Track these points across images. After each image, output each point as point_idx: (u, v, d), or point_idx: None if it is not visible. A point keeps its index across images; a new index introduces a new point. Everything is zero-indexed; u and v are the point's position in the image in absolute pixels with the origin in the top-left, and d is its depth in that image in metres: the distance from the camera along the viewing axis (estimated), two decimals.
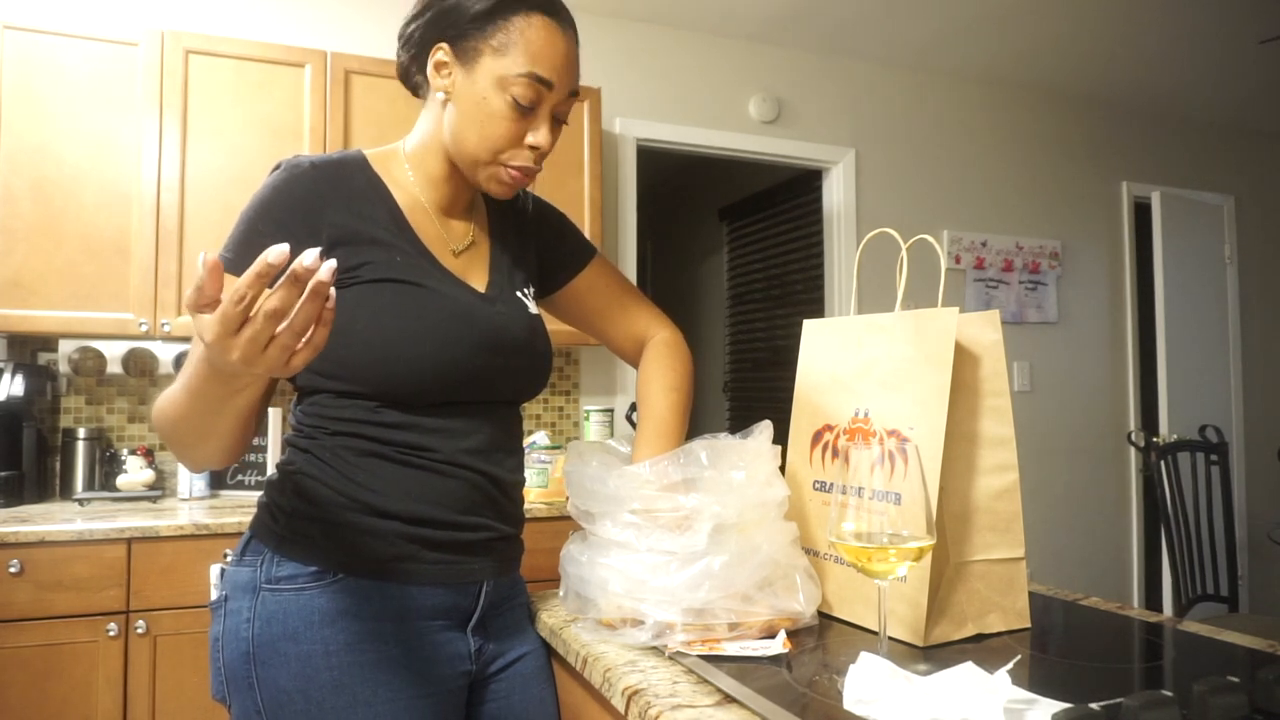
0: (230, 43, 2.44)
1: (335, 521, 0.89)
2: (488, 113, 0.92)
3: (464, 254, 1.01)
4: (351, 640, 0.87)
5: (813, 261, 3.88)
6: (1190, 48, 3.55)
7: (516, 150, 0.94)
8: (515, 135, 0.93)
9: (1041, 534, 3.79)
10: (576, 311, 1.18)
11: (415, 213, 0.98)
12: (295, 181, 0.91)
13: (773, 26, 3.34)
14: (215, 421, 0.81)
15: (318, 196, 0.91)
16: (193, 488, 2.44)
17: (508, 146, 0.93)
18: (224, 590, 0.91)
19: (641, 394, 1.12)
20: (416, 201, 0.99)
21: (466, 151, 0.95)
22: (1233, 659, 0.85)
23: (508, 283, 1.04)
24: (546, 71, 0.92)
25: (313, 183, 0.91)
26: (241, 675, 0.87)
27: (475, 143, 0.93)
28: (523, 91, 0.91)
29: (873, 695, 0.69)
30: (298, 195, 0.90)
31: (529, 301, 1.05)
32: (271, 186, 0.91)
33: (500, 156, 0.94)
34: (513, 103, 0.92)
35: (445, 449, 0.93)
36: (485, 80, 0.92)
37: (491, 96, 0.92)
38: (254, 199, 0.91)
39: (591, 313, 1.18)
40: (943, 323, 0.92)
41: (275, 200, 0.90)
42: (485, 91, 0.92)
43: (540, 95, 0.93)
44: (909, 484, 0.77)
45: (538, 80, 0.92)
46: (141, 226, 2.32)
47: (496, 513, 0.98)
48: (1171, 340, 3.87)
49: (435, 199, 1.00)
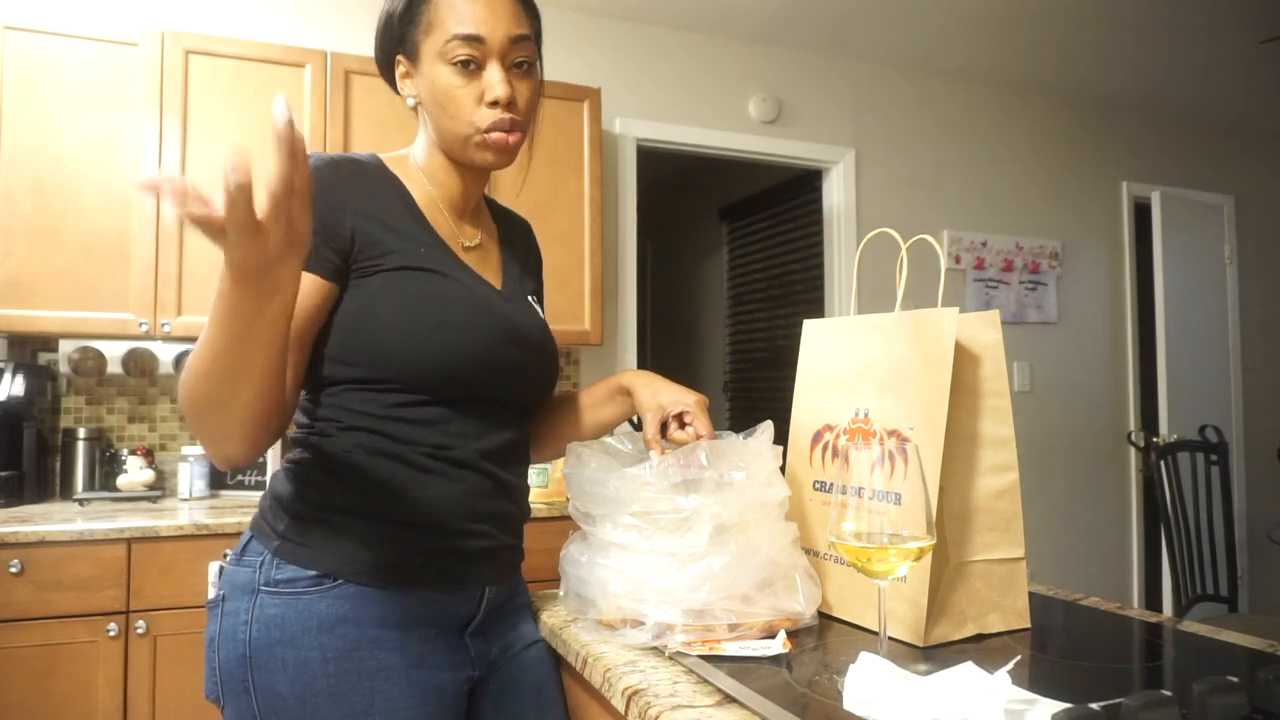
0: (230, 43, 2.44)
1: (338, 526, 0.89)
2: (441, 90, 0.95)
3: (475, 251, 1.03)
4: (350, 647, 0.86)
5: (813, 261, 3.88)
6: (1190, 48, 3.55)
7: (479, 111, 0.95)
8: (472, 97, 0.95)
9: (1041, 534, 3.79)
10: None
11: (431, 209, 0.99)
12: (317, 173, 0.90)
13: (773, 26, 3.34)
14: (251, 351, 0.75)
15: (340, 188, 0.91)
16: (193, 488, 2.44)
17: (472, 112, 0.95)
18: (222, 589, 0.91)
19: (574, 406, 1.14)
20: (431, 199, 1.00)
21: (448, 136, 0.97)
22: (1233, 659, 0.85)
23: (519, 286, 1.07)
24: (470, 27, 0.93)
25: (335, 175, 0.92)
26: (237, 679, 0.87)
27: (447, 123, 0.96)
28: (456, 52, 0.93)
29: (873, 695, 0.69)
30: (321, 186, 0.89)
31: (539, 308, 1.09)
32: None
33: (474, 123, 0.95)
34: (456, 68, 0.94)
35: (463, 449, 0.93)
36: (429, 64, 0.95)
37: (437, 74, 0.95)
38: None
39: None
40: (943, 323, 0.92)
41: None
42: (432, 74, 0.95)
43: (475, 52, 0.94)
44: (909, 484, 0.77)
45: (464, 39, 0.93)
46: (141, 226, 2.32)
47: (501, 522, 0.98)
48: (1171, 340, 3.87)
49: (447, 198, 1.02)
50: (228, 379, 0.77)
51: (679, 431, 1.03)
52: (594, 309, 2.83)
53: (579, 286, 2.81)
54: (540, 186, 2.75)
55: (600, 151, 2.88)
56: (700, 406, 1.03)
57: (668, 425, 1.04)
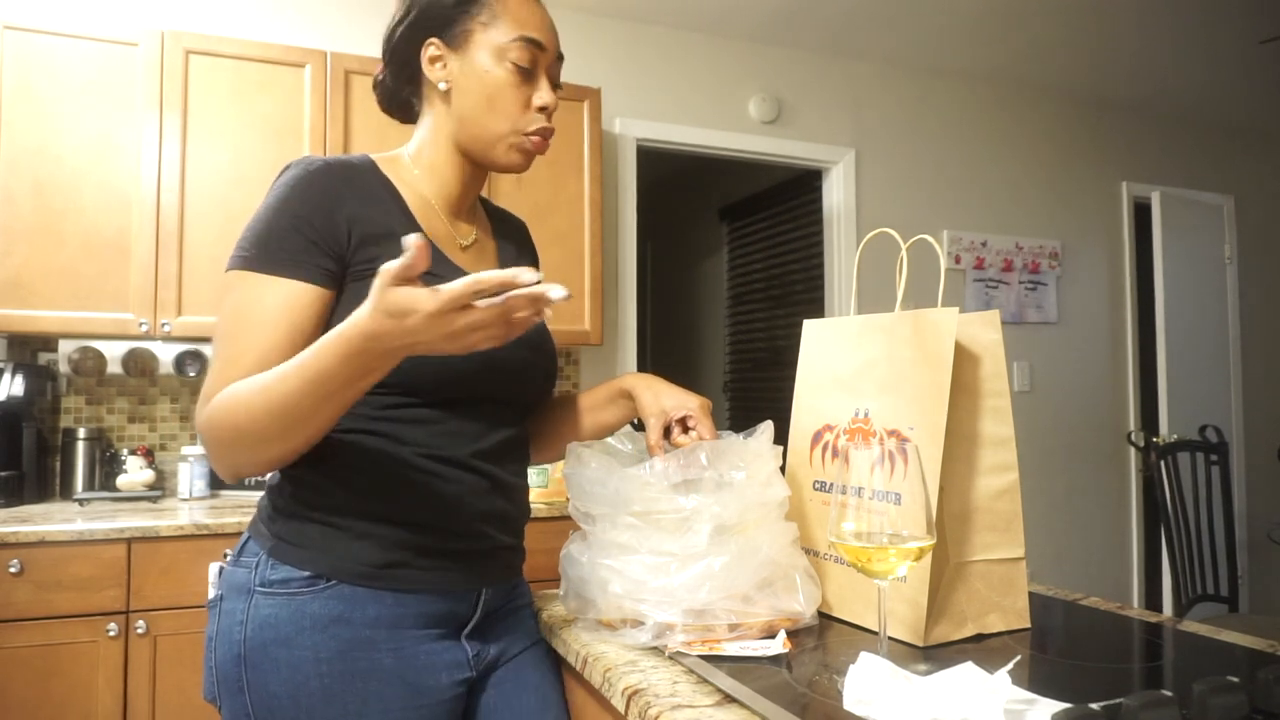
0: (230, 43, 2.44)
1: (332, 527, 0.89)
2: (493, 84, 0.95)
3: (470, 250, 1.03)
4: (343, 648, 0.86)
5: (813, 261, 3.88)
6: (1190, 48, 3.55)
7: (527, 115, 0.97)
8: (523, 100, 0.96)
9: (1041, 534, 3.79)
10: None
11: (424, 211, 0.99)
12: (312, 178, 0.90)
13: (773, 26, 3.34)
14: (327, 411, 0.78)
15: (334, 193, 0.91)
16: (193, 488, 2.43)
17: (519, 113, 0.96)
18: (220, 590, 0.91)
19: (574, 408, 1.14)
20: (425, 200, 1.00)
21: (486, 130, 0.97)
22: (1233, 659, 0.85)
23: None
24: (536, 32, 0.96)
25: (328, 180, 0.91)
26: (232, 678, 0.87)
27: (489, 118, 0.96)
28: (519, 55, 0.95)
29: (873, 695, 0.69)
30: (315, 192, 0.90)
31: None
32: (288, 184, 0.90)
33: (517, 125, 0.96)
34: (513, 69, 0.95)
35: (459, 450, 0.93)
36: (482, 56, 0.95)
37: (493, 68, 0.95)
38: (271, 198, 0.90)
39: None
40: (943, 323, 0.92)
41: (293, 197, 0.89)
42: (485, 65, 0.95)
43: (535, 57, 0.96)
44: (909, 484, 0.77)
45: (530, 42, 0.95)
46: (141, 226, 2.32)
47: (499, 522, 0.97)
48: (1171, 340, 3.87)
49: (443, 197, 1.01)
50: (286, 430, 0.80)
51: (682, 436, 1.02)
52: (594, 309, 2.83)
53: (579, 286, 2.81)
54: (540, 186, 2.75)
55: (600, 151, 2.88)
56: (703, 410, 1.03)
57: (671, 430, 1.03)
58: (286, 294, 0.86)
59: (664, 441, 1.02)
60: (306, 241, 0.87)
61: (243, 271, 0.87)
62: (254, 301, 0.85)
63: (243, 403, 0.80)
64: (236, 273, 0.87)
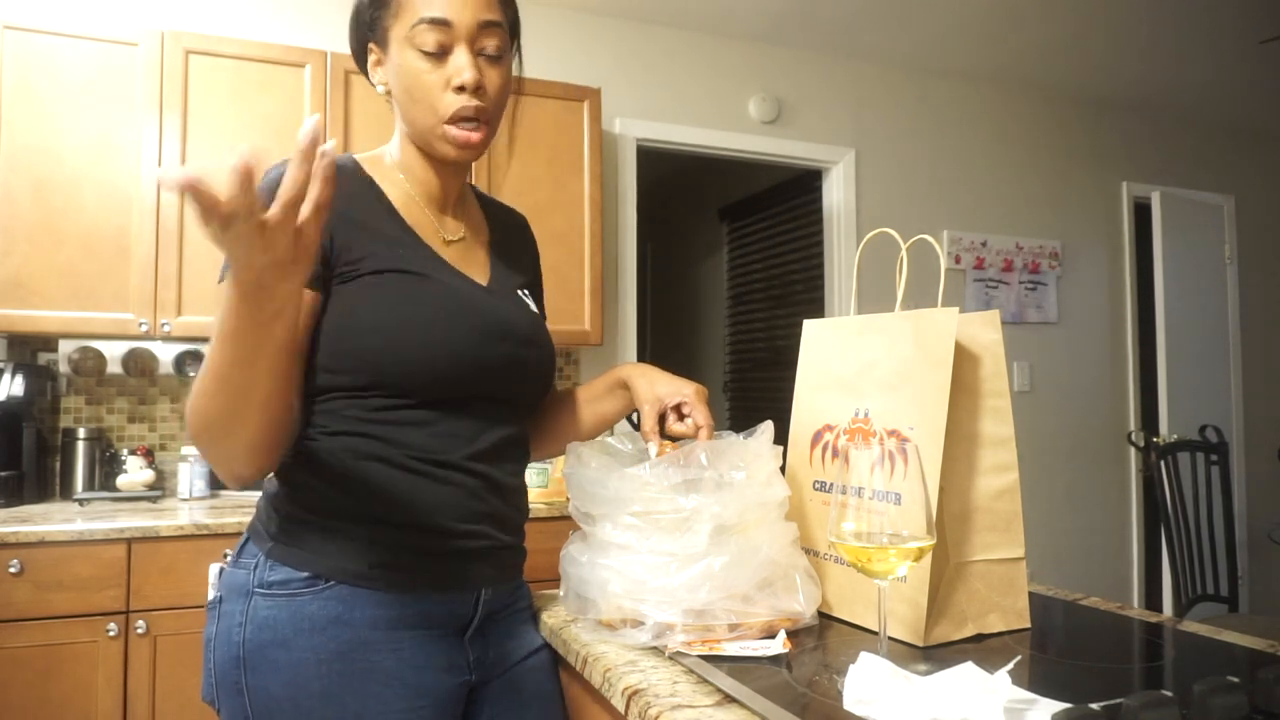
0: (230, 43, 2.44)
1: (329, 528, 0.88)
2: (408, 75, 0.93)
3: (458, 245, 1.02)
4: (343, 649, 0.86)
5: (813, 261, 3.88)
6: (1190, 48, 3.55)
7: (446, 98, 0.93)
8: (438, 83, 0.93)
9: (1041, 534, 3.79)
10: None
11: (409, 207, 0.98)
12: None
13: (773, 26, 3.34)
14: (257, 376, 0.76)
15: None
16: (193, 488, 2.43)
17: (438, 98, 0.93)
18: (219, 591, 0.91)
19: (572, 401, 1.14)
20: (409, 197, 0.99)
21: (415, 125, 0.95)
22: (1233, 659, 0.85)
23: (507, 281, 1.05)
24: (437, 10, 0.91)
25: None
26: (231, 680, 0.86)
27: (415, 111, 0.94)
28: (423, 39, 0.91)
29: (873, 695, 0.69)
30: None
31: (530, 301, 1.07)
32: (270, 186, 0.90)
33: (439, 111, 0.93)
34: (420, 55, 0.92)
35: (452, 452, 0.92)
36: (397, 50, 0.94)
37: (405, 60, 0.93)
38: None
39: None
40: (943, 323, 0.92)
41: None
42: (400, 59, 0.93)
43: (444, 36, 0.91)
44: (909, 484, 0.77)
45: (432, 23, 0.91)
46: (141, 226, 2.32)
47: (497, 522, 0.96)
48: (1171, 340, 3.87)
49: (425, 193, 1.00)
50: (234, 403, 0.78)
51: (678, 424, 1.02)
52: (594, 309, 2.83)
53: (579, 286, 2.81)
54: (540, 186, 2.75)
55: (600, 151, 2.88)
56: (699, 397, 1.02)
57: (666, 417, 1.03)
58: None
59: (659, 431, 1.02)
60: None
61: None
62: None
63: (198, 392, 0.79)
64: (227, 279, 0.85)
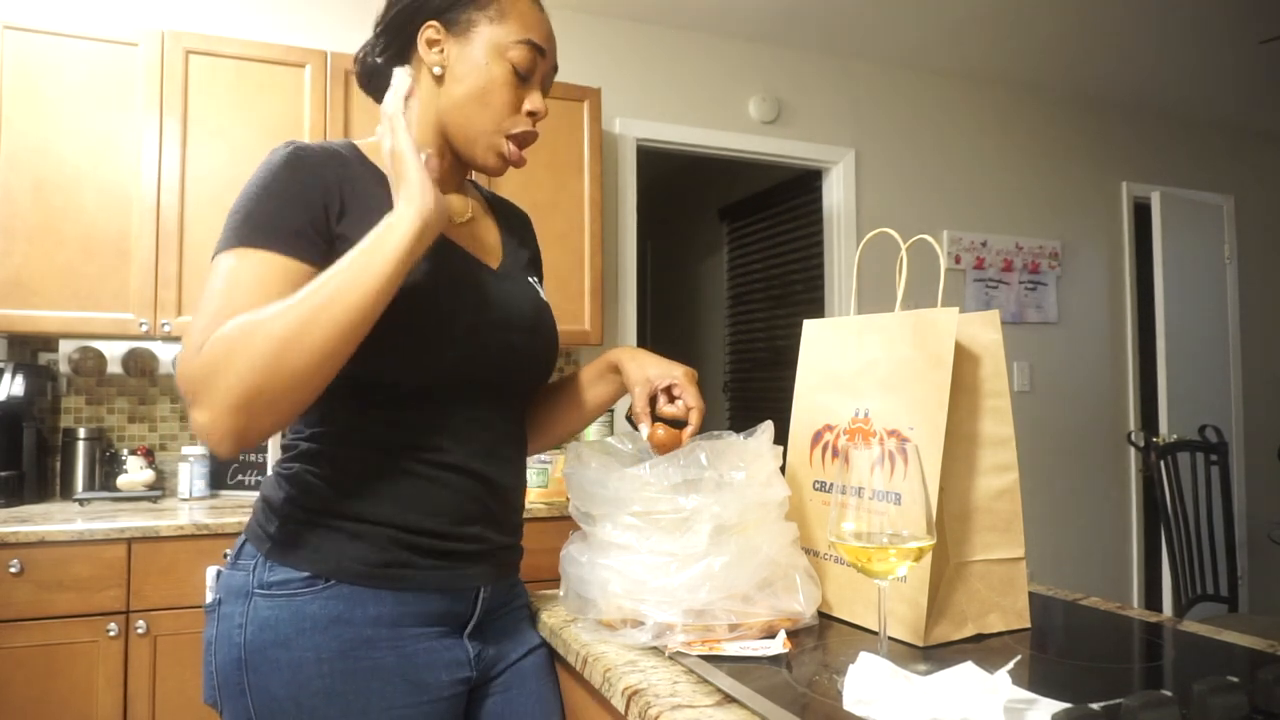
0: (230, 43, 2.44)
1: (328, 528, 0.89)
2: (489, 79, 0.94)
3: (467, 226, 1.02)
4: (344, 647, 0.86)
5: (813, 261, 3.88)
6: (1190, 48, 3.55)
7: (516, 118, 0.96)
8: (514, 102, 0.95)
9: (1041, 534, 3.79)
10: None
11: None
12: (299, 159, 0.89)
13: (773, 26, 3.34)
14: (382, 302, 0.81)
15: (322, 176, 0.89)
16: (193, 488, 2.43)
17: (508, 114, 0.95)
18: (218, 593, 0.91)
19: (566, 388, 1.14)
20: None
21: (471, 123, 0.95)
22: (1233, 659, 0.85)
23: (516, 264, 1.06)
24: (540, 39, 0.96)
25: (317, 163, 0.90)
26: (233, 681, 0.86)
27: (478, 112, 0.95)
28: (520, 57, 0.94)
29: (873, 695, 0.69)
30: (303, 173, 0.88)
31: (539, 288, 1.08)
32: (273, 166, 0.88)
33: (502, 126, 0.95)
34: (511, 70, 0.94)
35: (450, 450, 0.92)
36: (483, 49, 0.94)
37: (491, 64, 0.94)
38: (257, 178, 0.88)
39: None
40: (943, 323, 0.92)
41: (280, 177, 0.87)
42: (484, 60, 0.94)
43: (535, 62, 0.96)
44: (909, 484, 0.77)
45: (533, 46, 0.95)
46: (141, 226, 2.32)
47: (494, 523, 0.97)
48: (1171, 340, 3.87)
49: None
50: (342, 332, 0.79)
51: (668, 406, 1.02)
52: (594, 309, 2.83)
53: (579, 286, 2.81)
54: (540, 186, 2.75)
55: (600, 151, 2.88)
56: (688, 378, 1.03)
57: (657, 399, 1.03)
58: (286, 269, 0.83)
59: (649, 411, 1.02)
60: (298, 219, 0.86)
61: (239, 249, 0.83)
62: (253, 272, 0.82)
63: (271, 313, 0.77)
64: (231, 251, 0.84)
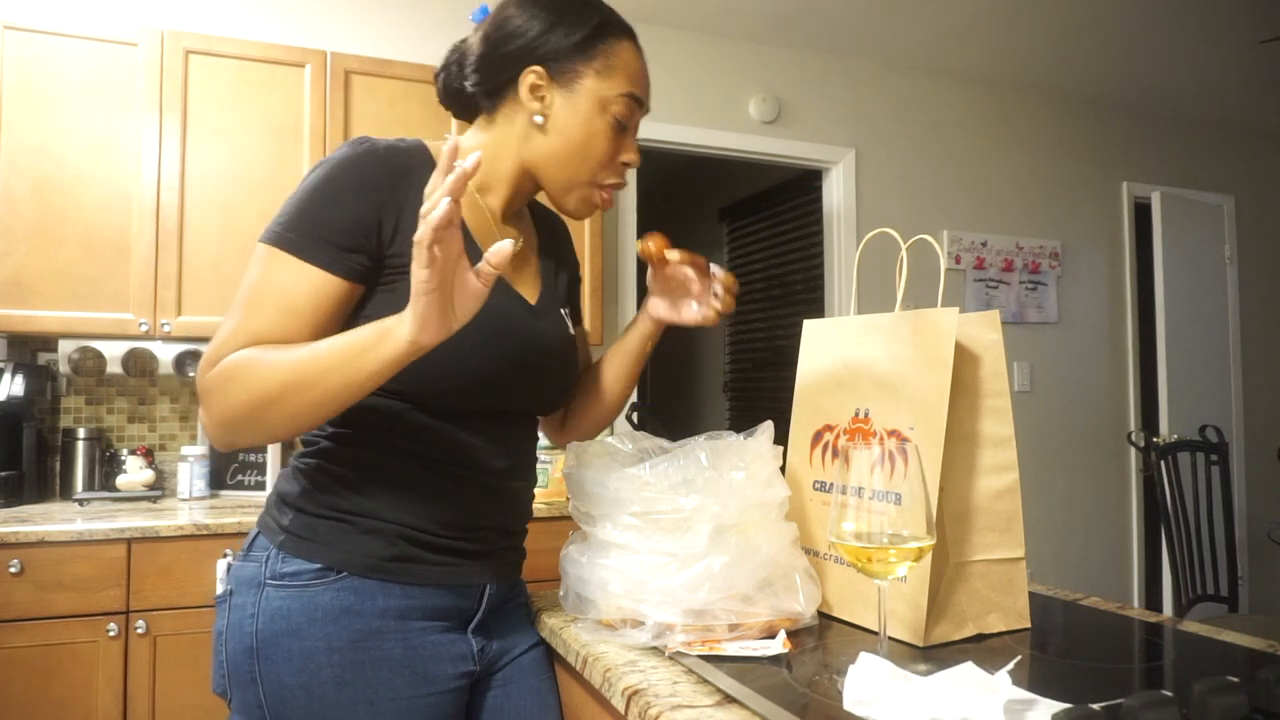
0: (230, 43, 2.44)
1: (341, 522, 0.90)
2: (591, 133, 0.96)
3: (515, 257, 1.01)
4: (354, 638, 0.88)
5: (813, 261, 3.88)
6: (1190, 48, 3.55)
7: (611, 168, 0.98)
8: (613, 154, 0.98)
9: (1041, 534, 3.79)
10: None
11: (472, 213, 0.96)
12: (366, 159, 0.88)
13: (773, 26, 3.34)
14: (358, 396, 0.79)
15: (387, 181, 0.88)
16: (193, 488, 2.43)
17: (605, 165, 0.98)
18: (229, 585, 0.92)
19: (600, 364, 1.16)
20: (475, 203, 0.98)
21: (567, 173, 0.97)
22: (1233, 659, 0.85)
23: (554, 298, 1.07)
24: (642, 91, 0.99)
25: (384, 166, 0.89)
26: (244, 670, 0.88)
27: (578, 164, 0.96)
28: (622, 110, 0.97)
29: (873, 695, 0.69)
30: (368, 175, 0.87)
31: (569, 320, 1.08)
32: (339, 163, 0.88)
33: (598, 175, 0.98)
34: (613, 123, 0.96)
35: (469, 463, 0.94)
36: (587, 101, 0.95)
37: (594, 117, 0.95)
38: (322, 172, 0.87)
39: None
40: (943, 323, 0.92)
41: (344, 177, 0.87)
42: (588, 113, 0.95)
43: (634, 114, 0.99)
44: (909, 484, 0.77)
45: (635, 100, 0.98)
46: (141, 226, 2.32)
47: (503, 532, 1.00)
48: (1171, 340, 3.87)
49: (494, 205, 1.00)
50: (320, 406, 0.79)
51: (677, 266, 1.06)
52: (594, 309, 2.83)
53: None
54: None
55: None
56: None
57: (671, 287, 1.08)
58: (319, 284, 0.84)
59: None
60: (344, 233, 0.85)
61: (277, 250, 0.84)
62: (284, 283, 0.84)
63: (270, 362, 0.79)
64: (271, 249, 0.85)
